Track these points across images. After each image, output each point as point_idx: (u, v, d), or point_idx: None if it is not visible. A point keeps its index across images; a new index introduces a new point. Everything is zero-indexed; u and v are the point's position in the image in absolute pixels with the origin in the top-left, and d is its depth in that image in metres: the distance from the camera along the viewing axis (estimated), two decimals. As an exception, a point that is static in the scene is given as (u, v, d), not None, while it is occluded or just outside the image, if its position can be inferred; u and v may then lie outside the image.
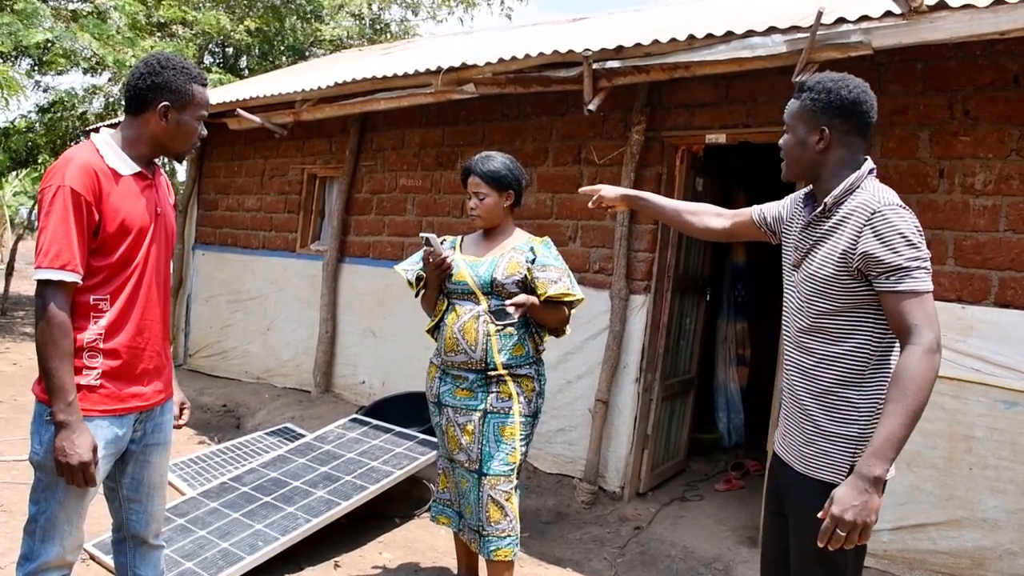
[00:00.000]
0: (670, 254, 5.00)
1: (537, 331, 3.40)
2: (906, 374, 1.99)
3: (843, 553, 2.09)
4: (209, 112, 2.51)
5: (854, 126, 2.23)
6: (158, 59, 2.38)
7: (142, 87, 2.35)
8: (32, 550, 2.32)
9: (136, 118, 2.39)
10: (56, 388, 2.18)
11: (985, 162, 3.79)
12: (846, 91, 2.20)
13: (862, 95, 2.21)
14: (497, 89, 5.02)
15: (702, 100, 4.77)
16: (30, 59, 11.56)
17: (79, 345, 2.27)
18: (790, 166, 2.36)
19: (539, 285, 3.24)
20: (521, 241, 3.44)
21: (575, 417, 5.15)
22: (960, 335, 3.77)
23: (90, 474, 2.20)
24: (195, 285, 8.57)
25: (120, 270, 2.33)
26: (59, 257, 2.17)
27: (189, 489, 4.75)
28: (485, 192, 3.41)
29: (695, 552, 4.28)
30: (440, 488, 3.61)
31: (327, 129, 7.11)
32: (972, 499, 3.71)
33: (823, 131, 2.23)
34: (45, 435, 2.25)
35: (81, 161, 2.24)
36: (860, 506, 1.95)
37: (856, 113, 2.21)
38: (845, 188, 2.21)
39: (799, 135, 2.28)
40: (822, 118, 2.23)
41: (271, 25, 13.82)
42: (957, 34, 3.31)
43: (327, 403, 6.64)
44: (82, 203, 2.20)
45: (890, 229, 2.07)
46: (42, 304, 2.18)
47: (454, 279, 3.35)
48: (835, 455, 2.18)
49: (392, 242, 6.52)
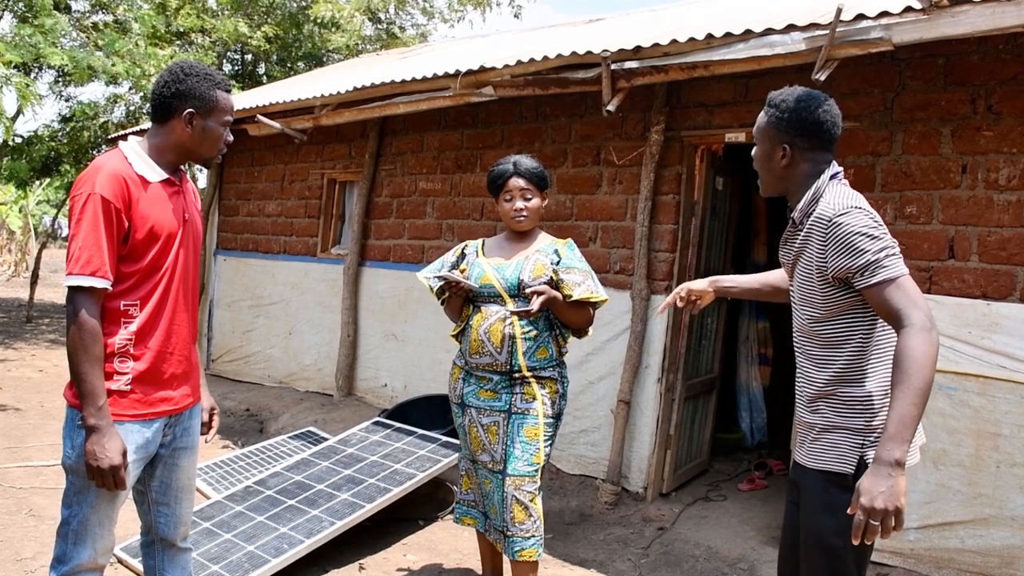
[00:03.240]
0: (691, 254, 4.99)
1: (561, 333, 3.41)
2: (904, 356, 2.01)
3: (842, 538, 2.11)
4: (233, 117, 2.53)
5: (816, 143, 2.28)
6: (182, 67, 2.42)
7: (167, 95, 2.39)
8: (65, 553, 2.35)
9: (163, 126, 2.43)
10: (87, 393, 2.21)
11: (1009, 157, 3.76)
12: (806, 112, 2.25)
13: (823, 115, 2.25)
14: (515, 91, 5.02)
15: (721, 99, 4.76)
16: (54, 71, 11.70)
17: (110, 350, 2.30)
18: (762, 181, 2.44)
19: (564, 287, 3.25)
20: (545, 243, 3.45)
21: (597, 418, 5.15)
22: (985, 332, 3.74)
23: (120, 478, 2.23)
24: (217, 290, 8.64)
25: (149, 276, 2.36)
26: (89, 263, 2.20)
27: (214, 493, 4.79)
28: (532, 192, 3.42)
29: (719, 552, 4.27)
30: (464, 489, 3.61)
31: (346, 134, 7.15)
32: (1000, 497, 3.67)
33: (785, 148, 2.29)
34: (77, 439, 2.28)
35: (111, 169, 2.28)
36: (887, 491, 1.94)
37: (817, 133, 2.27)
38: (808, 200, 2.27)
39: (765, 150, 2.36)
40: (784, 136, 2.29)
41: (289, 32, 13.91)
42: (979, 28, 3.28)
43: (349, 406, 6.67)
44: (112, 210, 2.24)
45: (847, 234, 2.12)
46: (73, 310, 2.22)
47: (480, 282, 3.36)
48: (842, 446, 2.20)
49: (412, 245, 6.54)
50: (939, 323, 3.74)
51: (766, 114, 2.34)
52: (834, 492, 2.20)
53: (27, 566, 3.69)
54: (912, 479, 3.79)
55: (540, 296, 3.15)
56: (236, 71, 14.77)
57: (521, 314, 3.24)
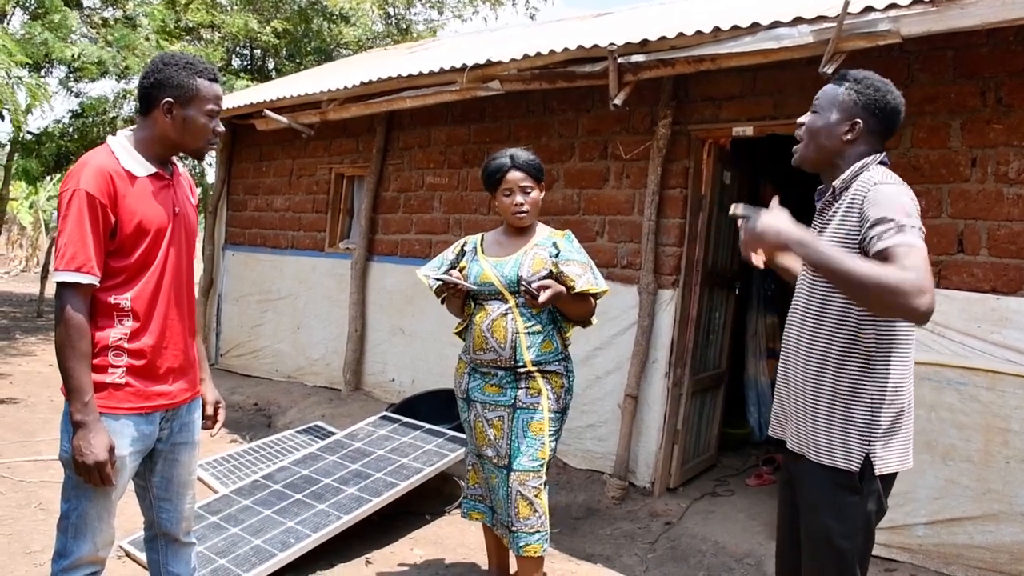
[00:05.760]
0: (698, 248, 4.97)
1: (563, 325, 3.40)
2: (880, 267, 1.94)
3: (850, 540, 2.13)
4: (219, 106, 2.44)
5: (883, 130, 2.29)
6: (162, 57, 2.40)
7: (146, 86, 2.37)
8: (65, 547, 2.36)
9: (146, 118, 2.40)
10: (73, 388, 2.22)
11: (1019, 150, 3.72)
12: (891, 96, 2.27)
13: (901, 106, 2.29)
14: (522, 85, 5.01)
15: (728, 93, 4.73)
16: (65, 67, 11.73)
17: (104, 344, 2.30)
18: (809, 147, 2.35)
19: (566, 280, 3.24)
20: (543, 236, 3.43)
21: (605, 413, 5.14)
22: (995, 326, 3.71)
23: (106, 474, 2.23)
24: (225, 285, 8.66)
25: (140, 271, 2.36)
26: (74, 259, 2.20)
27: (221, 487, 4.80)
28: (531, 185, 3.39)
29: (726, 547, 4.25)
30: (471, 484, 3.61)
31: (354, 128, 7.15)
32: (1009, 493, 3.65)
33: (856, 124, 2.26)
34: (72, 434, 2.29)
35: (96, 165, 2.27)
36: (774, 227, 2.04)
37: (891, 120, 2.29)
38: (854, 171, 2.25)
39: (829, 119, 2.30)
40: (861, 112, 2.27)
41: (298, 27, 13.92)
42: (988, 20, 3.25)
43: (357, 401, 6.69)
44: (97, 206, 2.23)
45: (888, 196, 2.11)
46: (60, 306, 2.22)
47: (479, 280, 3.34)
48: (849, 442, 2.18)
49: (420, 240, 6.54)
50: (948, 318, 3.77)
51: (842, 86, 2.30)
52: (842, 494, 2.18)
53: (36, 559, 3.72)
54: (920, 475, 3.78)
55: (547, 290, 3.14)
56: (245, 66, 14.80)
57: (529, 303, 3.23)
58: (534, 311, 3.29)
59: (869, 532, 2.21)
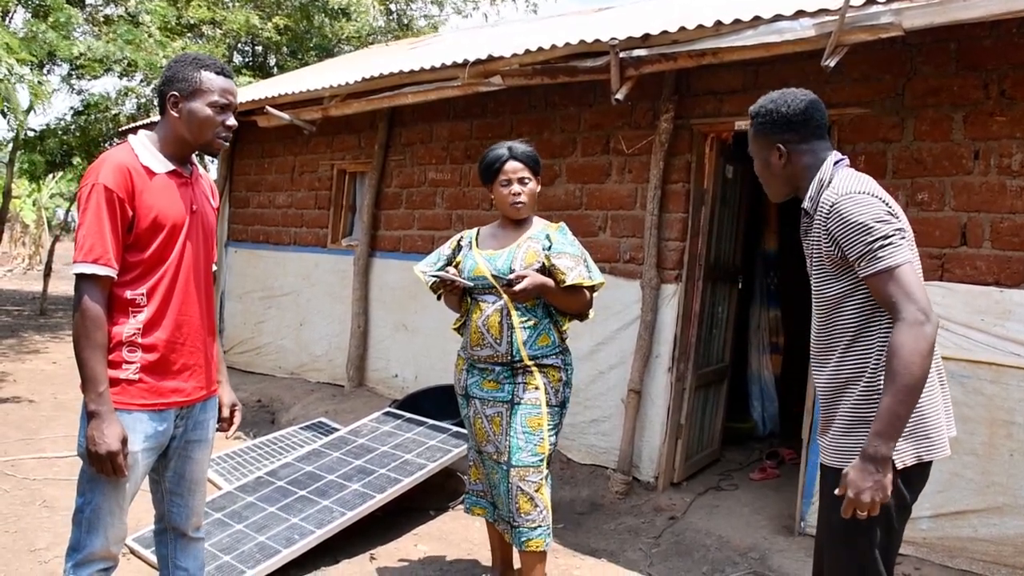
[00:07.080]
0: (701, 243, 4.96)
1: (559, 318, 3.38)
2: (893, 351, 2.03)
3: (868, 538, 2.16)
4: (227, 99, 2.44)
5: (807, 134, 2.32)
6: (176, 57, 2.48)
7: (159, 85, 2.47)
8: (79, 541, 2.38)
9: (163, 118, 2.47)
10: (88, 378, 2.25)
11: (1022, 142, 3.71)
12: (785, 106, 2.31)
13: (802, 103, 2.31)
14: (524, 80, 5.00)
15: (730, 87, 4.72)
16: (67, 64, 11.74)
17: (118, 339, 2.32)
18: (769, 187, 2.47)
19: (557, 273, 3.22)
20: (537, 229, 3.41)
21: (608, 407, 5.14)
22: (998, 319, 3.71)
23: (118, 464, 2.25)
24: (228, 282, 8.67)
25: (155, 266, 2.38)
26: (92, 251, 2.24)
27: (225, 484, 4.81)
28: (528, 176, 3.38)
29: (731, 541, 4.26)
30: (472, 480, 3.61)
31: (355, 125, 7.15)
32: (1014, 485, 3.64)
33: (779, 148, 2.33)
34: None
35: (116, 160, 2.32)
36: (873, 486, 2.03)
37: (804, 122, 2.31)
38: (816, 188, 2.30)
39: (762, 159, 2.40)
40: (773, 137, 2.34)
41: (299, 23, 13.91)
42: (992, 12, 3.24)
43: (360, 397, 6.69)
44: (115, 200, 2.27)
45: (844, 222, 2.14)
46: (78, 297, 2.26)
47: (473, 275, 3.33)
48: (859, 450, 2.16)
49: (423, 236, 6.54)
50: (951, 310, 3.76)
51: (751, 127, 2.40)
52: None
53: (41, 556, 3.73)
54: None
55: (523, 281, 3.14)
56: (247, 63, 14.78)
57: (507, 293, 3.22)
58: (528, 305, 3.28)
59: (889, 527, 2.20)
